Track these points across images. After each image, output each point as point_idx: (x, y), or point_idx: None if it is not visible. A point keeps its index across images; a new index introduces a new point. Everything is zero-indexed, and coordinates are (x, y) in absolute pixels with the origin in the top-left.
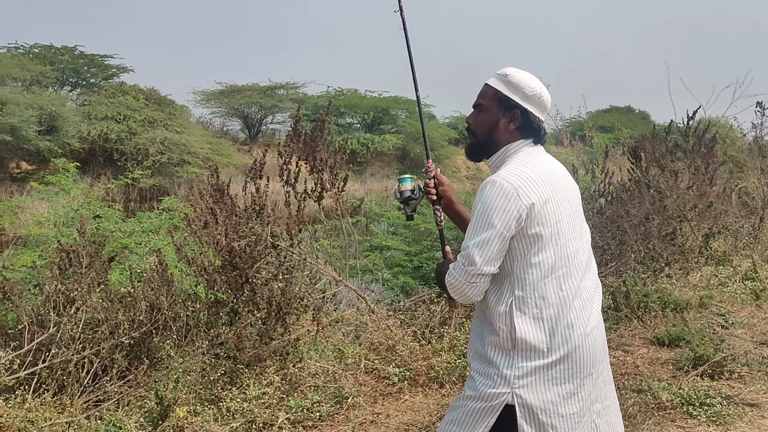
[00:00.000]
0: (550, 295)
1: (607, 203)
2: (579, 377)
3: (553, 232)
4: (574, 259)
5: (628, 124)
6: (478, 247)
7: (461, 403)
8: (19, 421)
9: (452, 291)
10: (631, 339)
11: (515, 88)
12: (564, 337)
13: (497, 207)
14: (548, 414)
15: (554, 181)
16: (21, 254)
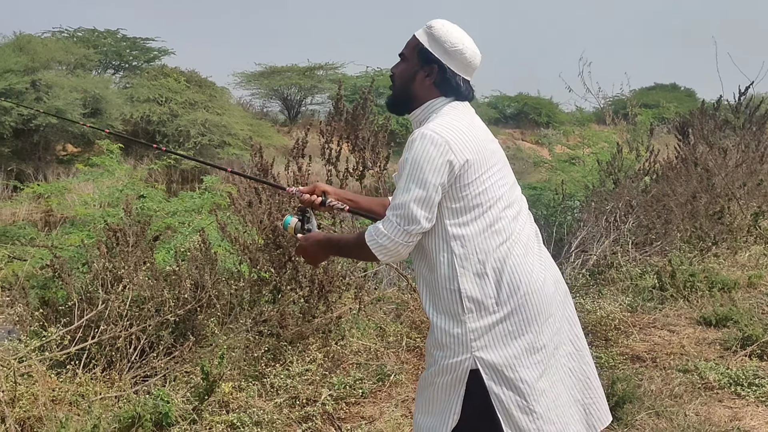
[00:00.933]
0: (490, 248)
1: (652, 182)
2: (536, 325)
3: (485, 186)
4: (510, 209)
5: (673, 101)
6: (417, 203)
7: (427, 382)
8: (71, 394)
9: (383, 252)
10: (676, 319)
11: (436, 42)
12: (511, 287)
13: (430, 160)
14: (513, 369)
15: (479, 134)
16: (70, 233)
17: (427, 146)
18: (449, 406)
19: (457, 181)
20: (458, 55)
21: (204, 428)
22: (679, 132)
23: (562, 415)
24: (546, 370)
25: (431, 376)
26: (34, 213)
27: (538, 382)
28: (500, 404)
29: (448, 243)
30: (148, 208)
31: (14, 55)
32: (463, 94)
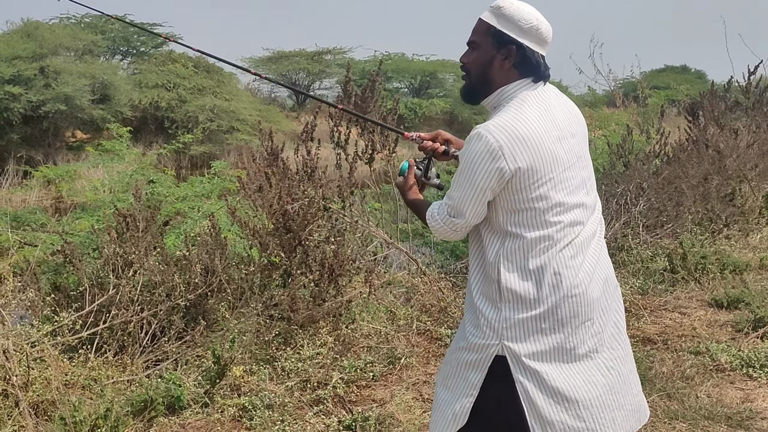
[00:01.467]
0: (538, 249)
1: (663, 164)
2: (569, 327)
3: (540, 192)
4: (568, 213)
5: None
6: (464, 201)
7: (454, 355)
8: (83, 379)
9: (434, 231)
10: (688, 301)
11: (509, 22)
12: (551, 288)
13: (481, 163)
14: (539, 362)
15: (550, 132)
16: (80, 219)
17: (481, 149)
18: (468, 384)
19: (509, 185)
20: (534, 31)
21: (216, 411)
22: (689, 114)
23: (599, 415)
24: (575, 369)
25: (458, 350)
26: (44, 199)
27: (565, 378)
28: (525, 392)
29: (500, 236)
30: (157, 194)
31: (22, 41)
32: (542, 72)
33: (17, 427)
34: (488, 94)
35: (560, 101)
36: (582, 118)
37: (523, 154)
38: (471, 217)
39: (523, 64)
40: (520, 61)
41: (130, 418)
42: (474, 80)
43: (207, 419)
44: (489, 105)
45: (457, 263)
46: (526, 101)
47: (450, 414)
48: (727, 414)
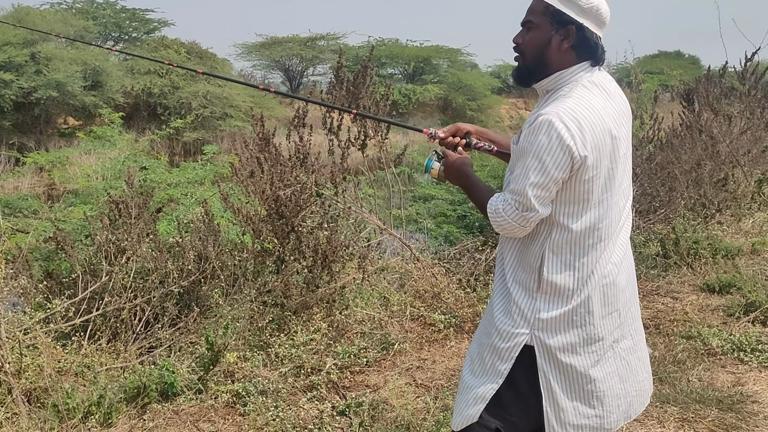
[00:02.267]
0: (587, 244)
1: (656, 149)
2: (598, 317)
3: (601, 183)
4: (616, 207)
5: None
6: (536, 192)
7: (482, 340)
8: (76, 366)
9: (499, 227)
10: (680, 286)
11: (569, 1)
12: (585, 280)
13: (553, 153)
14: (567, 354)
15: (608, 121)
16: (72, 206)
17: (554, 137)
18: (494, 371)
19: (575, 176)
20: (594, 11)
21: (209, 398)
22: (684, 99)
23: (608, 403)
24: (600, 360)
25: (486, 335)
26: (36, 186)
27: (590, 370)
28: (546, 382)
29: (550, 227)
30: (150, 180)
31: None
32: (600, 55)
33: (10, 414)
34: (544, 76)
35: (616, 88)
36: (629, 106)
37: (591, 144)
38: (542, 209)
39: (582, 46)
40: (579, 43)
41: (124, 405)
42: (530, 62)
43: (201, 406)
44: (543, 88)
45: (451, 249)
46: (590, 88)
47: (472, 398)
48: (718, 398)
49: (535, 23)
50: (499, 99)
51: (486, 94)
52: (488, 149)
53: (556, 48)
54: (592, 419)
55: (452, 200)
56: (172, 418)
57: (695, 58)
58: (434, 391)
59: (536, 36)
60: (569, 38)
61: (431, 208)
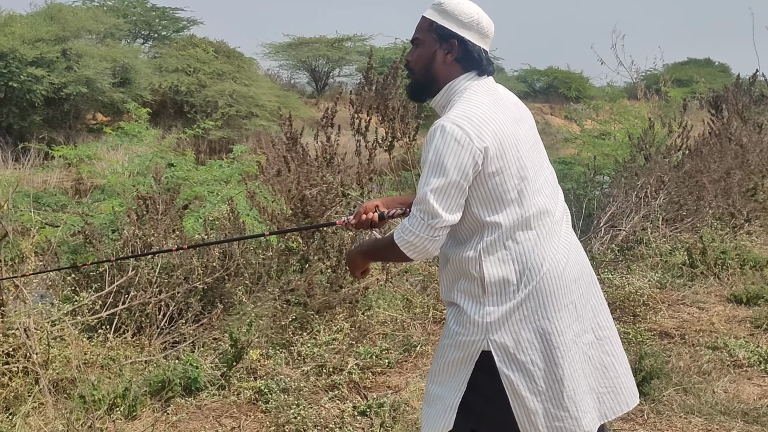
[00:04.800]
0: (519, 235)
1: (685, 157)
2: (552, 310)
3: (514, 172)
4: (539, 193)
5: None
6: (438, 198)
7: (441, 352)
8: (102, 358)
9: (411, 250)
10: (706, 296)
11: (450, 16)
12: (531, 273)
13: (451, 154)
14: (526, 352)
15: (507, 115)
16: (101, 201)
17: (448, 140)
18: (458, 380)
19: (482, 171)
20: (475, 25)
21: (232, 394)
22: (712, 107)
23: (580, 402)
24: (563, 356)
25: (445, 348)
26: (64, 181)
27: (551, 367)
28: (510, 385)
29: (478, 231)
30: (177, 177)
31: (45, 23)
32: (485, 66)
33: (37, 404)
34: (435, 91)
35: (507, 92)
36: (523, 105)
37: (489, 137)
38: (446, 214)
39: (466, 58)
40: (463, 55)
41: (148, 398)
42: (419, 76)
43: (223, 401)
44: (438, 105)
45: None
46: (476, 90)
47: (441, 408)
48: (743, 410)
49: (421, 39)
50: (525, 103)
51: None
52: (401, 212)
53: (441, 62)
54: (567, 421)
55: None
56: (195, 412)
57: (725, 66)
58: None
59: (423, 52)
60: (453, 52)
61: None
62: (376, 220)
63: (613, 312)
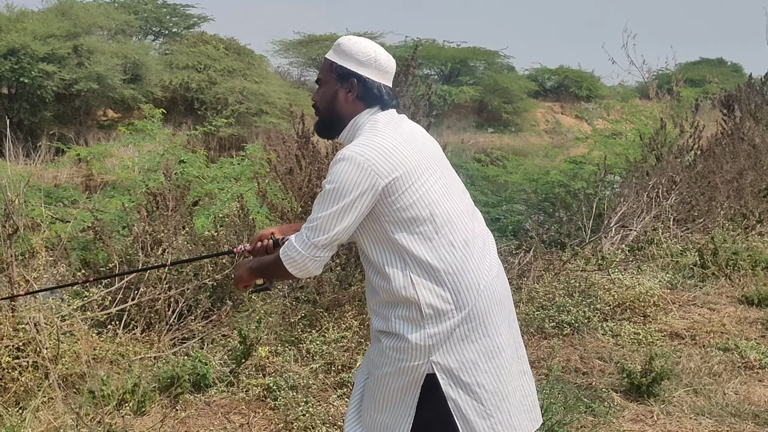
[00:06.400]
0: (444, 254)
1: (697, 158)
2: (493, 327)
3: (423, 194)
4: (454, 211)
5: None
6: (328, 219)
7: (384, 381)
8: (111, 354)
9: (292, 266)
10: (717, 297)
11: (348, 56)
12: (469, 291)
13: (350, 182)
14: (470, 373)
15: (411, 143)
16: (111, 197)
17: (348, 166)
18: (405, 406)
19: (386, 197)
20: (373, 63)
21: (241, 390)
22: (724, 106)
23: (516, 417)
24: (504, 374)
25: (386, 376)
26: (75, 177)
27: (497, 386)
28: (457, 409)
29: (400, 255)
30: (188, 174)
31: (57, 20)
32: (386, 100)
33: (47, 399)
34: (341, 128)
35: (412, 123)
36: (427, 133)
37: (392, 163)
38: (333, 236)
39: (366, 95)
40: (363, 93)
41: (157, 394)
42: (324, 115)
43: (232, 398)
44: (346, 141)
45: None
46: (378, 121)
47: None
48: (754, 412)
49: (323, 80)
50: (535, 102)
51: (522, 98)
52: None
53: (343, 100)
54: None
55: (486, 202)
56: (204, 409)
57: (738, 66)
58: None
59: (326, 91)
60: (353, 90)
61: None
62: (270, 247)
63: (623, 312)
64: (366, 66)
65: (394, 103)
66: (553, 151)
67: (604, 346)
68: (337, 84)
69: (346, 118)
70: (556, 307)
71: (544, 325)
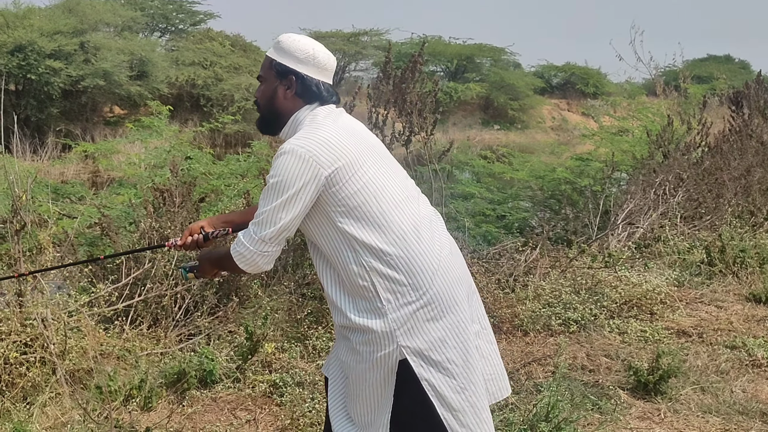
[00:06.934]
0: (393, 239)
1: (705, 155)
2: (455, 303)
3: (366, 182)
4: (399, 197)
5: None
6: (273, 212)
7: (362, 377)
8: (118, 349)
9: (241, 261)
10: (725, 295)
11: (286, 54)
12: (424, 273)
13: (293, 174)
14: (440, 351)
15: (351, 132)
16: (118, 193)
17: (291, 160)
18: (385, 397)
19: (330, 187)
20: (311, 60)
21: (247, 387)
22: (732, 103)
23: (486, 386)
24: (471, 347)
25: (363, 372)
26: (81, 173)
27: (467, 359)
28: (432, 389)
29: (349, 244)
30: (194, 170)
31: (64, 16)
32: (325, 97)
33: (54, 394)
34: (282, 124)
35: (350, 117)
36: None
37: (334, 154)
38: (277, 230)
39: (305, 92)
40: (302, 90)
41: (164, 390)
42: (264, 112)
43: (238, 394)
44: (287, 136)
45: (490, 249)
46: (317, 115)
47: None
48: (762, 410)
49: (264, 77)
50: (541, 99)
51: (528, 94)
52: (224, 233)
53: (282, 97)
54: (486, 411)
55: (492, 199)
56: (210, 404)
57: (745, 63)
58: None
59: (266, 89)
60: (292, 87)
61: (470, 207)
62: (201, 241)
63: (630, 310)
64: (304, 63)
65: (334, 100)
66: (559, 148)
67: (610, 344)
68: (276, 81)
69: (286, 114)
70: (562, 304)
71: (551, 322)
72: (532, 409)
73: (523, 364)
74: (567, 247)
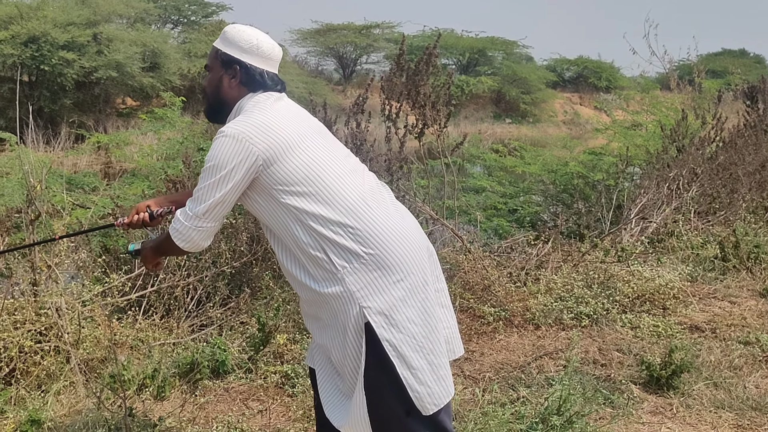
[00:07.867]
0: (340, 209)
1: (719, 149)
2: (413, 264)
3: (306, 159)
4: (342, 170)
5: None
6: (207, 190)
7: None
8: (131, 339)
9: (179, 238)
10: (738, 290)
11: (231, 44)
12: (376, 237)
13: (227, 154)
14: (400, 310)
15: (288, 114)
16: (131, 184)
17: (226, 142)
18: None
19: (268, 167)
20: (255, 50)
21: (259, 377)
22: (747, 98)
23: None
24: (430, 306)
25: (340, 345)
26: (94, 164)
27: (426, 318)
28: (393, 348)
29: (296, 217)
30: None
31: (77, 8)
32: (269, 85)
33: (68, 383)
34: (228, 112)
35: (290, 101)
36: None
37: (270, 135)
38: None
39: (249, 81)
40: (246, 79)
41: (176, 380)
42: (211, 100)
43: (250, 384)
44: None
45: (502, 242)
46: (257, 102)
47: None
48: None
49: (211, 66)
50: (553, 93)
51: (540, 88)
52: (167, 211)
53: (227, 86)
54: (445, 368)
55: (504, 193)
56: (223, 395)
57: (760, 57)
58: (482, 383)
59: (212, 78)
60: (236, 76)
61: (482, 201)
62: (147, 219)
63: (643, 304)
64: (248, 53)
65: (279, 88)
66: (571, 142)
67: (623, 338)
68: (221, 70)
69: (230, 102)
70: (574, 298)
71: (563, 316)
72: (544, 402)
73: (534, 357)
74: (579, 242)
